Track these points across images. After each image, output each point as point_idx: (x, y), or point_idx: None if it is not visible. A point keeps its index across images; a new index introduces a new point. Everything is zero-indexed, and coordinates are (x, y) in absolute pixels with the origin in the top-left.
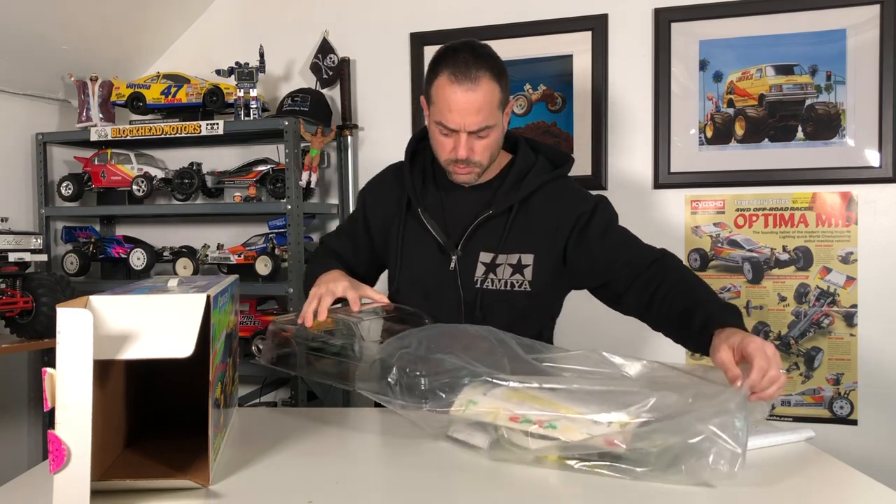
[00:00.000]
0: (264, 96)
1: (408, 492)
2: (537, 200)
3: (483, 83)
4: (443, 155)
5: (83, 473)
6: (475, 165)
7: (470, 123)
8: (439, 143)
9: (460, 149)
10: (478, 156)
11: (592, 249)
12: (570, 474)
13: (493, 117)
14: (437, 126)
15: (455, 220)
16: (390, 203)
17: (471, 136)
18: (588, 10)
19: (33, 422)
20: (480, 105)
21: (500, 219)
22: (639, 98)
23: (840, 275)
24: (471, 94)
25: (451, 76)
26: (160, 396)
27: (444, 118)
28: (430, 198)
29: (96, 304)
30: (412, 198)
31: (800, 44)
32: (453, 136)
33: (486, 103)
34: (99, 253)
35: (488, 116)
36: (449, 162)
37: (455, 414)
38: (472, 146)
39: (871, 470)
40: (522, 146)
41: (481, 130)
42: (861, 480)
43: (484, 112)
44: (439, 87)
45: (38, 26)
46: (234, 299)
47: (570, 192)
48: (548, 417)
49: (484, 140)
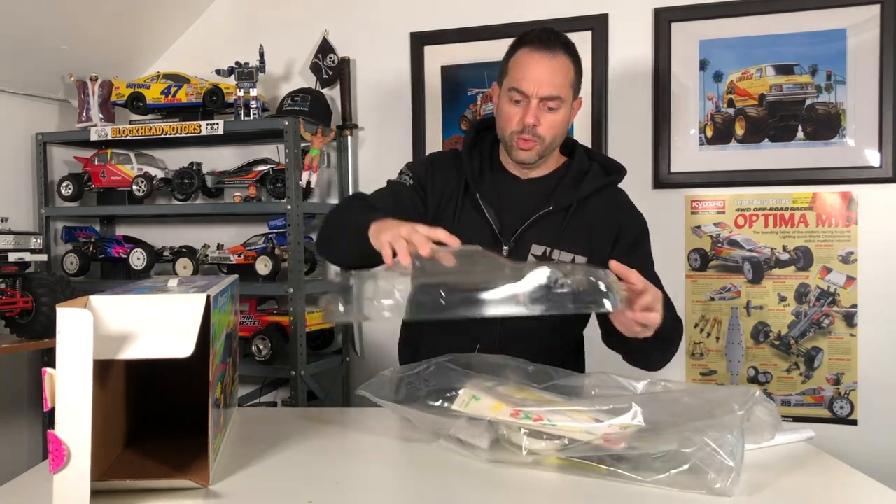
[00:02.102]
0: (264, 96)
1: (408, 492)
2: (594, 204)
3: (561, 57)
4: (510, 126)
5: (83, 473)
6: (539, 140)
7: (544, 87)
8: (508, 114)
9: (529, 115)
10: (543, 129)
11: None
12: (569, 476)
13: (564, 90)
14: (510, 93)
15: (511, 210)
16: (450, 181)
17: (541, 104)
18: (588, 10)
19: (33, 422)
20: (555, 73)
21: (558, 216)
22: (639, 98)
23: (840, 275)
24: (548, 61)
25: (533, 46)
26: (160, 396)
27: (518, 83)
28: (488, 185)
29: (96, 304)
30: (470, 181)
31: (800, 44)
32: (523, 105)
33: (560, 73)
34: (99, 253)
35: (560, 87)
36: (514, 135)
37: (457, 409)
38: (539, 116)
39: (871, 470)
40: (580, 150)
41: (552, 99)
42: (861, 480)
43: (557, 81)
44: (518, 57)
45: (38, 26)
46: (234, 299)
47: (627, 205)
48: (548, 413)
49: (552, 114)
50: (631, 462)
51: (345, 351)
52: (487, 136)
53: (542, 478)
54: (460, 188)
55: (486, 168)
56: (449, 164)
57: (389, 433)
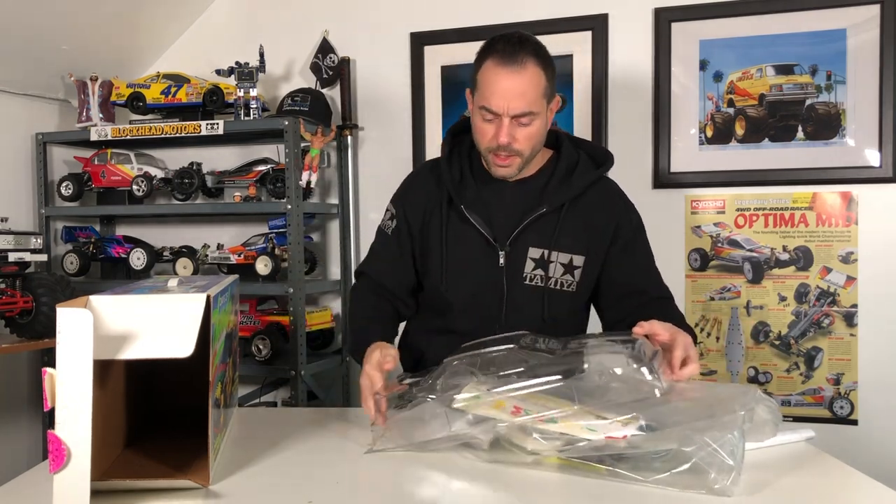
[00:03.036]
0: (264, 96)
1: (408, 492)
2: (586, 199)
3: (529, 68)
4: (483, 142)
5: (83, 473)
6: (516, 155)
7: (513, 107)
8: (481, 130)
9: (501, 134)
10: (519, 144)
11: (623, 265)
12: (569, 476)
13: (536, 104)
14: (480, 112)
15: (502, 215)
16: (429, 201)
17: (513, 121)
18: (588, 10)
19: (33, 422)
20: (524, 88)
21: (552, 215)
22: (639, 98)
23: (840, 275)
24: (515, 77)
25: (498, 60)
26: (160, 396)
27: (487, 101)
28: (470, 193)
29: (96, 304)
30: (452, 194)
31: (800, 44)
32: (495, 122)
33: (530, 88)
34: (99, 253)
35: (532, 102)
36: (489, 151)
37: (459, 407)
38: (513, 133)
39: (871, 470)
40: (565, 142)
41: (524, 116)
42: (861, 480)
43: (528, 96)
44: (485, 72)
45: (38, 27)
46: (234, 299)
47: (621, 198)
48: (549, 412)
49: (526, 128)
50: (631, 462)
51: (345, 351)
52: (465, 140)
53: (542, 478)
54: (443, 200)
55: (468, 174)
56: (427, 178)
57: None
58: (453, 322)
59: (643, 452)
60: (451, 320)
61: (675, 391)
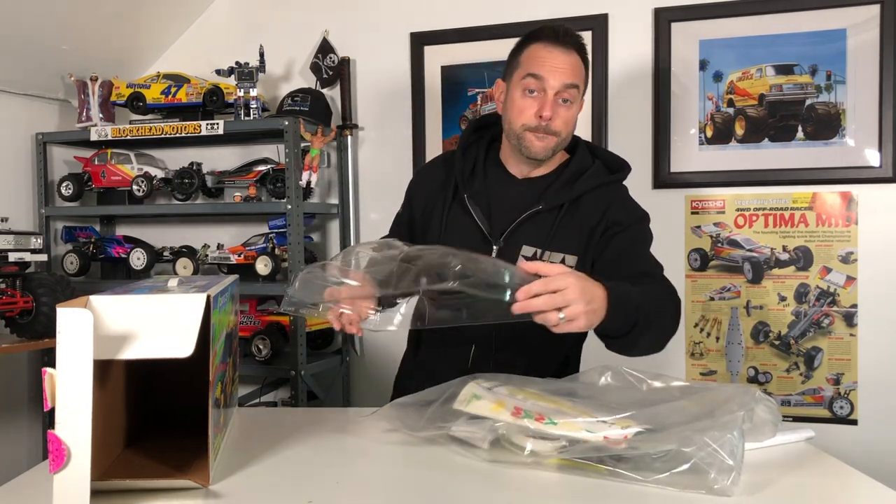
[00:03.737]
0: (264, 96)
1: (407, 492)
2: (587, 203)
3: (576, 53)
4: (522, 118)
5: (83, 473)
6: (553, 135)
7: (562, 76)
8: (521, 106)
9: (546, 107)
10: (557, 124)
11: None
12: (569, 476)
13: (580, 82)
14: (524, 81)
15: (501, 211)
16: (436, 187)
17: (556, 98)
18: (588, 10)
19: (33, 422)
20: (573, 66)
21: (549, 215)
22: (639, 98)
23: (840, 275)
24: (565, 54)
25: (549, 40)
26: (160, 396)
27: (537, 68)
28: (478, 186)
29: (96, 304)
30: (459, 183)
31: (800, 44)
32: (539, 98)
33: (577, 69)
34: (99, 253)
35: (577, 79)
36: (526, 129)
37: (459, 408)
38: (556, 110)
39: (871, 470)
40: (581, 147)
41: (570, 88)
42: (861, 480)
43: (575, 74)
44: (533, 50)
45: (38, 26)
46: (234, 299)
47: (620, 200)
48: (549, 412)
49: (567, 109)
50: (631, 462)
51: (345, 351)
52: (485, 135)
53: (542, 478)
54: (448, 191)
55: (480, 167)
56: (438, 168)
57: (389, 433)
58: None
59: (643, 453)
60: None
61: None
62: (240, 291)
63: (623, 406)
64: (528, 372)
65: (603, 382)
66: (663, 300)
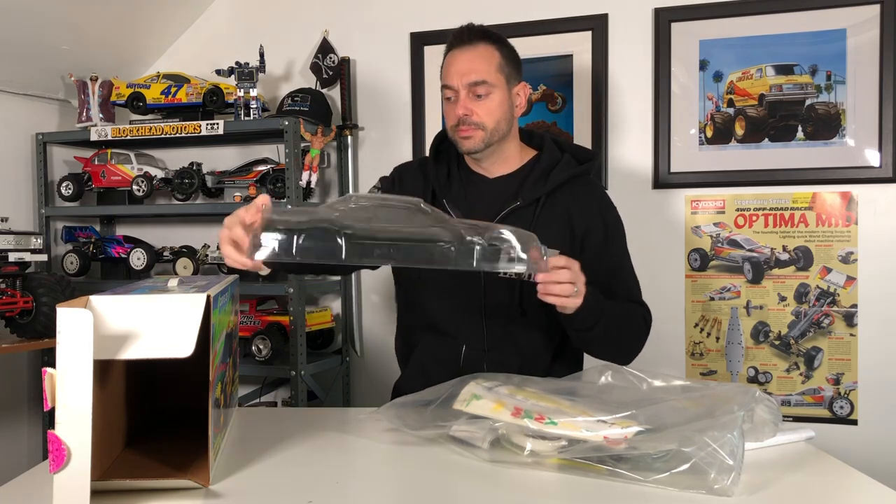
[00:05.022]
0: (264, 96)
1: (407, 492)
2: (564, 196)
3: (480, 45)
4: (449, 122)
5: (83, 473)
6: (478, 128)
7: (466, 77)
8: (446, 113)
9: (459, 107)
10: (478, 117)
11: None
12: (569, 476)
13: (490, 75)
14: (442, 93)
15: (480, 211)
16: (416, 190)
17: (470, 94)
18: (588, 10)
19: (33, 422)
20: (475, 60)
21: (527, 210)
22: (639, 98)
23: (840, 275)
24: (466, 52)
25: (453, 45)
26: (160, 396)
27: (444, 79)
28: (455, 189)
29: (96, 304)
30: (436, 188)
31: (800, 44)
32: (455, 101)
33: (481, 61)
34: (99, 253)
35: (484, 72)
36: (454, 129)
37: (459, 407)
38: (471, 105)
39: (871, 470)
40: (548, 143)
41: (478, 85)
42: (861, 480)
43: (479, 69)
44: (445, 61)
45: (38, 26)
46: (234, 299)
47: (598, 195)
48: (549, 412)
49: (484, 102)
50: (631, 462)
51: (345, 351)
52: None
53: (542, 478)
54: (427, 197)
55: (455, 172)
56: (416, 173)
57: (389, 433)
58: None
59: (643, 453)
60: (431, 313)
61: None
62: (240, 291)
63: (623, 405)
64: (520, 370)
65: (603, 381)
66: (634, 316)
